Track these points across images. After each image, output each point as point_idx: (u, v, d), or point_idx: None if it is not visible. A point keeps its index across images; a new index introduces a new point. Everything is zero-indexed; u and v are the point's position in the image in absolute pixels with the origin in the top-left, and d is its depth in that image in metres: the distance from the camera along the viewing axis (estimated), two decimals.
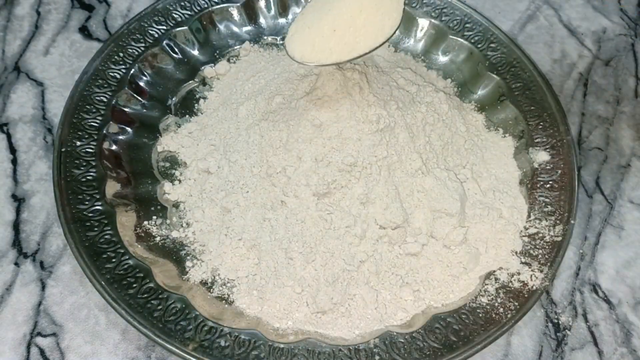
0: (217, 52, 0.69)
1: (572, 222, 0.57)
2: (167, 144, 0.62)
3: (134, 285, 0.51)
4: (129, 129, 0.61)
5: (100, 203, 0.55)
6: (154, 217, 0.57)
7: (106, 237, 0.53)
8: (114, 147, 0.59)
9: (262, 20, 0.72)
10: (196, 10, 0.69)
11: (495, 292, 0.53)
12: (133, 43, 0.65)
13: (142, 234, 0.56)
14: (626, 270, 0.61)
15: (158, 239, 0.56)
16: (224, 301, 0.53)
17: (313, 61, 0.49)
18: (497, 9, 0.80)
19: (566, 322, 0.57)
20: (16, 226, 0.59)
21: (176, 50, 0.67)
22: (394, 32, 0.49)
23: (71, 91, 0.60)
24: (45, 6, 0.74)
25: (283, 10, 0.72)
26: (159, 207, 0.58)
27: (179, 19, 0.68)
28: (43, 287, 0.56)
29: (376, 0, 0.48)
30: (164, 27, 0.67)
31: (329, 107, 0.54)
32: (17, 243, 0.58)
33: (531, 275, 0.54)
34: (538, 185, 0.60)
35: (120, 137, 0.60)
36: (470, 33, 0.69)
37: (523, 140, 0.63)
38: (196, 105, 0.66)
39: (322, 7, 0.49)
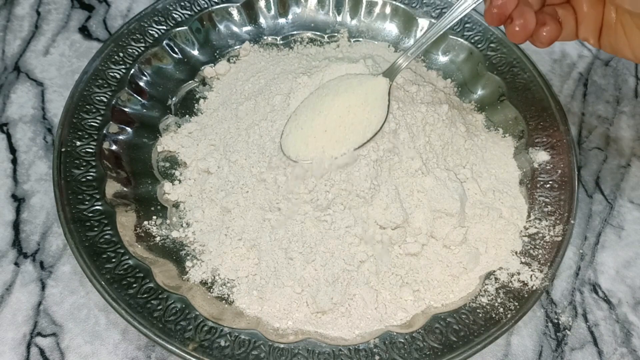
0: (217, 52, 0.69)
1: (572, 222, 0.57)
2: (167, 144, 0.62)
3: (134, 285, 0.51)
4: (129, 129, 0.61)
5: (100, 203, 0.55)
6: (154, 217, 0.57)
7: (106, 237, 0.53)
8: (114, 147, 0.59)
9: (262, 20, 0.72)
10: (196, 10, 0.69)
11: (495, 292, 0.53)
12: (133, 43, 0.65)
13: (142, 234, 0.56)
14: (626, 270, 0.61)
15: (158, 239, 0.56)
16: (224, 301, 0.53)
17: (307, 159, 0.53)
18: None
19: (566, 322, 0.58)
20: (16, 226, 0.59)
21: (176, 50, 0.67)
22: (381, 127, 0.53)
23: (71, 91, 0.60)
24: (45, 6, 0.74)
25: (283, 10, 0.72)
26: (159, 207, 0.58)
27: (179, 19, 0.68)
28: (43, 287, 0.56)
29: (363, 100, 0.53)
30: (164, 27, 0.67)
31: None
32: (17, 243, 0.58)
33: (531, 275, 0.54)
34: (538, 185, 0.60)
35: (120, 137, 0.60)
36: (470, 33, 0.69)
37: (523, 140, 0.63)
38: (196, 105, 0.66)
39: (313, 109, 0.54)
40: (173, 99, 0.66)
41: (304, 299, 0.52)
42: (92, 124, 0.59)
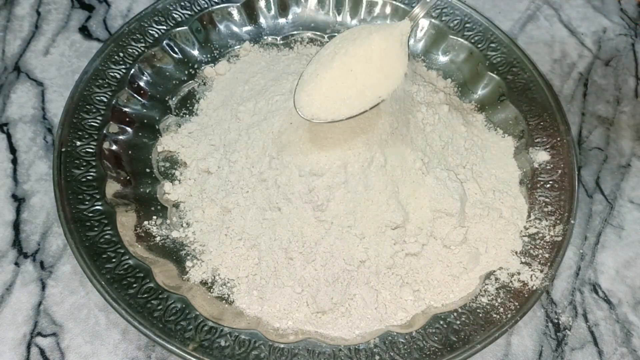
0: (217, 52, 0.69)
1: (572, 222, 0.57)
2: (167, 144, 0.62)
3: (134, 285, 0.51)
4: (129, 129, 0.61)
5: (100, 203, 0.55)
6: (154, 217, 0.57)
7: (106, 237, 0.53)
8: (114, 147, 0.59)
9: (262, 20, 0.72)
10: (196, 10, 0.69)
11: (496, 292, 0.53)
12: (133, 43, 0.65)
13: (142, 234, 0.56)
14: (626, 270, 0.61)
15: (158, 239, 0.56)
16: (224, 301, 0.53)
17: (325, 118, 0.48)
18: (497, 9, 0.80)
19: (566, 322, 0.58)
20: (16, 226, 0.59)
21: (176, 50, 0.67)
22: (405, 72, 0.48)
23: (71, 91, 0.61)
24: (45, 6, 0.74)
25: (283, 10, 0.72)
26: (159, 207, 0.58)
27: (179, 19, 0.68)
28: (43, 287, 0.56)
29: (382, 47, 0.48)
30: (164, 27, 0.67)
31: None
32: (17, 243, 0.58)
33: (531, 275, 0.54)
34: (538, 185, 0.60)
35: (120, 137, 0.60)
36: (470, 33, 0.69)
37: (523, 140, 0.63)
38: (196, 105, 0.66)
39: (329, 60, 0.48)
40: (173, 99, 0.66)
41: (304, 299, 0.52)
42: (92, 124, 0.59)
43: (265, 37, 0.71)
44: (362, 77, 0.47)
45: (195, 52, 0.69)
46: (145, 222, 0.57)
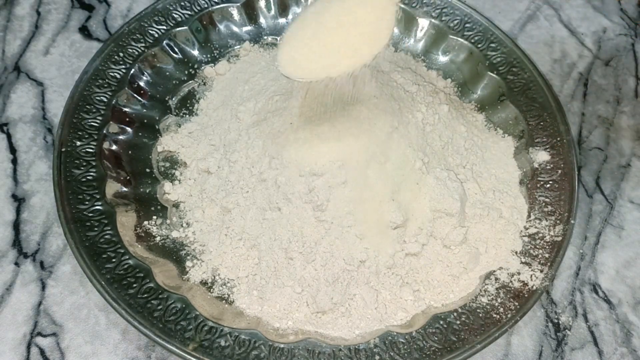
0: (217, 52, 0.69)
1: (572, 222, 0.57)
2: (167, 144, 0.62)
3: (134, 285, 0.51)
4: (129, 129, 0.61)
5: (100, 203, 0.55)
6: (154, 217, 0.57)
7: (106, 237, 0.53)
8: (114, 147, 0.59)
9: (262, 20, 0.72)
10: (196, 10, 0.69)
11: (496, 292, 0.53)
12: (133, 43, 0.65)
13: (142, 234, 0.56)
14: (626, 270, 0.61)
15: (158, 239, 0.56)
16: (224, 301, 0.53)
17: (307, 76, 0.46)
18: (497, 9, 0.80)
19: (566, 322, 0.58)
20: (16, 226, 0.59)
21: (176, 50, 0.67)
22: (390, 37, 0.47)
23: (71, 91, 0.60)
24: (45, 6, 0.74)
25: (283, 10, 0.72)
26: (159, 207, 0.58)
27: (179, 19, 0.68)
28: (43, 287, 0.56)
29: (369, 7, 0.47)
30: (164, 27, 0.67)
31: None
32: (17, 243, 0.58)
33: (531, 275, 0.54)
34: (538, 185, 0.60)
35: (120, 137, 0.60)
36: (470, 33, 0.69)
37: (523, 140, 0.63)
38: (196, 105, 0.66)
39: (315, 19, 0.47)
40: (173, 99, 0.66)
41: (304, 299, 0.52)
42: (92, 124, 0.59)
43: (265, 37, 0.71)
44: (345, 38, 0.46)
45: (195, 52, 0.69)
46: (145, 222, 0.57)
